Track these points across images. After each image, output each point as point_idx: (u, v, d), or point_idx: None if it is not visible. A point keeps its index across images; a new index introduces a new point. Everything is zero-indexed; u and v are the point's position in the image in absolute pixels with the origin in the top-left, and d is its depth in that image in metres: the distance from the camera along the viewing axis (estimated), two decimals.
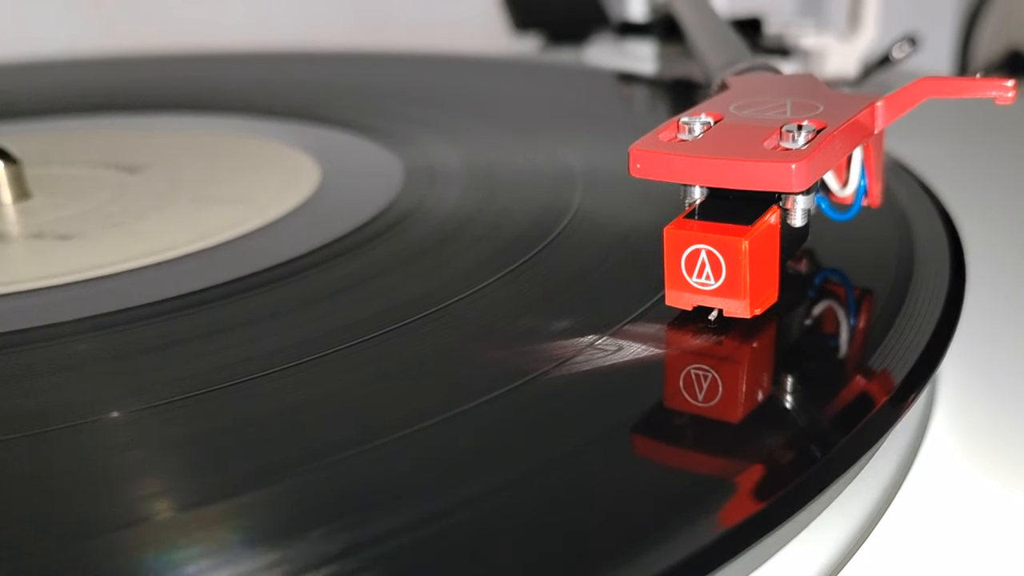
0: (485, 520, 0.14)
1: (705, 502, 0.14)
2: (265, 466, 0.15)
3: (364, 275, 0.23)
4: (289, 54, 0.55)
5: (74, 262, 0.25)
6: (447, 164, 0.31)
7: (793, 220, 0.19)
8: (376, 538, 0.13)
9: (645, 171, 0.19)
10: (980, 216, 0.30)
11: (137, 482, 0.15)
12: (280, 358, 0.18)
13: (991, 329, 0.23)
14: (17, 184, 0.30)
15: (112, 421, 0.17)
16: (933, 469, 0.18)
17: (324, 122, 0.38)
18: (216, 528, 0.14)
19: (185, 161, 0.34)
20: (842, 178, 0.22)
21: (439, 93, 0.43)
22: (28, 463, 0.16)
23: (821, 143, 0.18)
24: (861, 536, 0.17)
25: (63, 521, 0.14)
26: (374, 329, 0.19)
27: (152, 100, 0.45)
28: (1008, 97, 0.19)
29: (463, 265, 0.23)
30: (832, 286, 0.21)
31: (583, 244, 0.24)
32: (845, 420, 0.16)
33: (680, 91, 0.45)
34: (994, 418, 0.20)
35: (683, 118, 0.20)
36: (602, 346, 0.18)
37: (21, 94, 0.48)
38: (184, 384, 0.18)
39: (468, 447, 0.16)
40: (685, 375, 0.17)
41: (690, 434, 0.16)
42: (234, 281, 0.23)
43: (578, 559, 0.13)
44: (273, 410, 0.17)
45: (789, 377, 0.18)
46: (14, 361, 0.19)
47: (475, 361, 0.18)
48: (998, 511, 0.17)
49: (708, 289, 0.18)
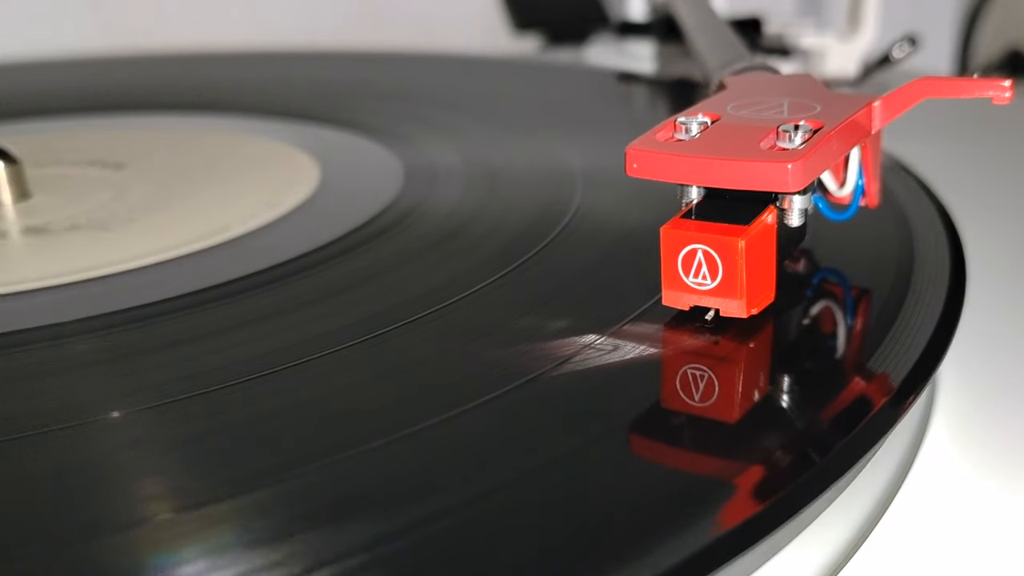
0: (482, 521, 0.14)
1: (703, 503, 0.14)
2: (265, 466, 0.15)
3: (363, 275, 0.23)
4: (289, 54, 0.55)
5: (74, 262, 0.25)
6: (447, 164, 0.31)
7: (790, 220, 0.19)
8: (376, 538, 0.13)
9: (642, 171, 0.19)
10: (980, 216, 0.30)
11: (138, 482, 0.15)
12: (280, 358, 0.18)
13: (991, 329, 0.23)
14: (17, 184, 0.30)
15: (112, 421, 0.17)
16: (933, 470, 0.18)
17: (324, 122, 0.38)
18: (217, 529, 0.14)
19: (185, 161, 0.34)
20: (840, 178, 0.22)
21: (439, 93, 0.43)
22: (29, 464, 0.16)
23: (818, 143, 0.18)
24: (861, 537, 0.17)
25: (64, 522, 0.14)
26: (373, 329, 0.19)
27: (152, 100, 0.45)
28: (1005, 97, 0.19)
29: (463, 265, 0.23)
30: (830, 286, 0.21)
31: (582, 244, 0.24)
32: (844, 421, 0.16)
33: (680, 91, 0.45)
34: (994, 418, 0.20)
35: (680, 118, 0.20)
36: (600, 346, 0.18)
37: (21, 94, 0.48)
38: (184, 384, 0.18)
39: (466, 447, 0.16)
40: (682, 375, 0.17)
41: (687, 434, 0.16)
42: (234, 281, 0.23)
43: (575, 560, 0.13)
44: (273, 410, 0.17)
45: (786, 377, 0.18)
46: (14, 361, 0.19)
47: (474, 361, 0.18)
48: (997, 512, 0.17)
49: (705, 289, 0.18)
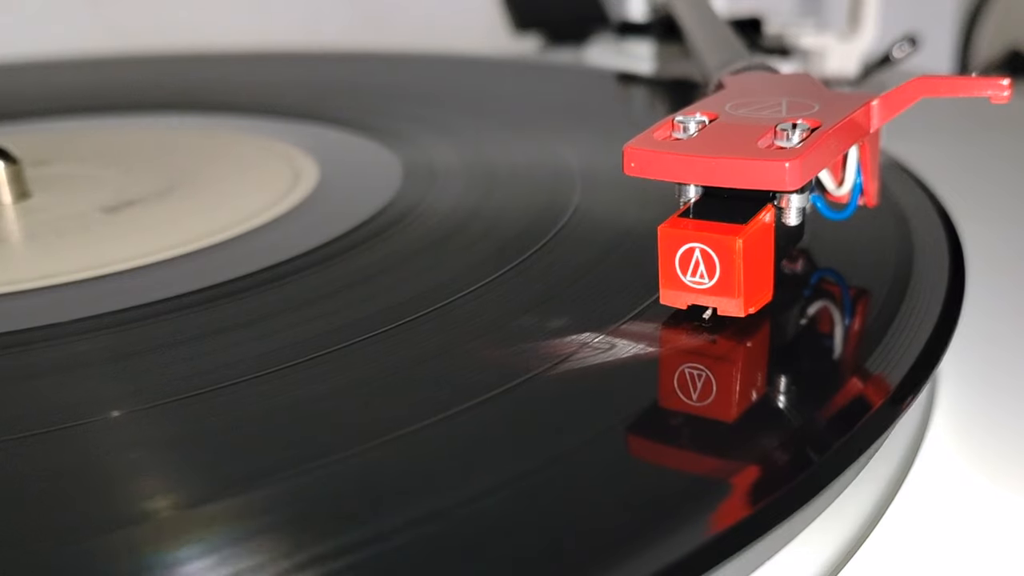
0: (479, 520, 0.14)
1: (701, 502, 0.14)
2: (264, 466, 0.15)
3: (362, 274, 0.23)
4: (289, 54, 0.55)
5: (74, 262, 0.25)
6: (446, 163, 0.31)
7: (788, 219, 0.19)
8: (373, 538, 0.13)
9: (640, 170, 0.19)
10: (979, 215, 0.30)
11: (138, 482, 0.15)
12: (279, 357, 0.18)
13: (991, 329, 0.23)
14: (17, 184, 0.30)
15: (112, 421, 0.17)
16: (933, 469, 0.18)
17: (323, 121, 0.38)
18: (216, 527, 0.14)
19: (184, 161, 0.34)
20: (838, 177, 0.22)
21: (439, 93, 0.43)
22: (29, 464, 0.16)
23: (815, 141, 0.18)
24: (861, 536, 0.17)
25: (64, 521, 0.14)
26: (371, 329, 0.19)
27: (151, 100, 0.45)
28: (1003, 96, 0.19)
29: (461, 264, 0.23)
30: (828, 285, 0.21)
31: (581, 243, 0.24)
32: (842, 420, 0.16)
33: (679, 91, 0.45)
34: (994, 418, 0.20)
35: (678, 117, 0.20)
36: (597, 345, 0.18)
37: (21, 94, 0.48)
38: (184, 384, 0.18)
39: (465, 447, 0.16)
40: (679, 375, 0.17)
41: (685, 434, 0.16)
42: (233, 281, 0.23)
43: (573, 559, 0.13)
44: (272, 409, 0.17)
45: (784, 377, 0.18)
46: (14, 361, 0.19)
47: (472, 361, 0.18)
48: (998, 511, 0.17)
49: (702, 288, 0.18)
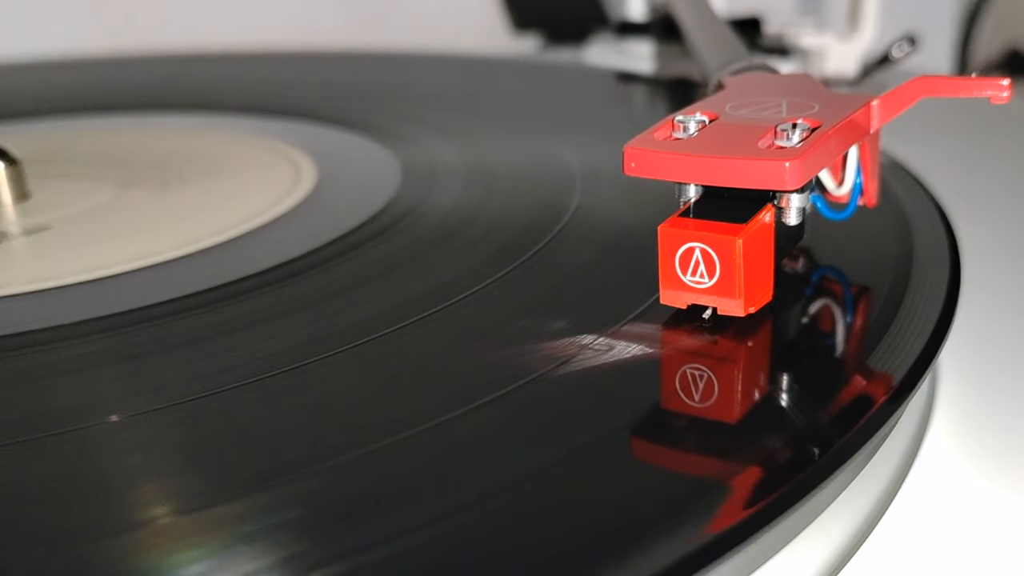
0: (482, 523, 0.14)
1: (703, 502, 0.14)
2: (267, 468, 0.15)
3: (362, 276, 0.23)
4: (289, 54, 0.55)
5: (74, 263, 0.25)
6: (446, 164, 0.31)
7: (788, 219, 0.19)
8: (376, 540, 0.13)
9: (640, 170, 0.19)
10: (978, 215, 0.30)
11: (139, 486, 0.15)
12: (280, 360, 0.18)
13: (990, 329, 0.23)
14: (17, 184, 0.30)
15: (113, 425, 0.17)
16: (933, 469, 0.18)
17: (323, 122, 0.38)
18: (219, 531, 0.14)
19: (184, 161, 0.34)
20: (838, 177, 0.22)
21: (439, 93, 0.43)
22: (29, 467, 0.16)
23: (815, 141, 0.18)
24: (861, 536, 0.17)
25: (65, 525, 0.14)
26: (371, 331, 0.19)
27: (151, 100, 0.45)
28: (1003, 97, 0.19)
29: (461, 265, 0.23)
30: (829, 284, 0.21)
31: (581, 243, 0.24)
32: (844, 419, 0.16)
33: (679, 91, 0.45)
34: (994, 418, 0.20)
35: (678, 117, 0.20)
36: (598, 346, 0.18)
37: (21, 94, 0.48)
38: (185, 387, 0.18)
39: (465, 449, 0.16)
40: (681, 375, 0.17)
41: (687, 435, 0.16)
42: (233, 283, 0.23)
43: (575, 560, 0.13)
44: (274, 412, 0.17)
45: (786, 376, 0.18)
46: (14, 364, 0.19)
47: (473, 362, 0.18)
48: (998, 511, 0.17)
49: (702, 287, 0.18)
